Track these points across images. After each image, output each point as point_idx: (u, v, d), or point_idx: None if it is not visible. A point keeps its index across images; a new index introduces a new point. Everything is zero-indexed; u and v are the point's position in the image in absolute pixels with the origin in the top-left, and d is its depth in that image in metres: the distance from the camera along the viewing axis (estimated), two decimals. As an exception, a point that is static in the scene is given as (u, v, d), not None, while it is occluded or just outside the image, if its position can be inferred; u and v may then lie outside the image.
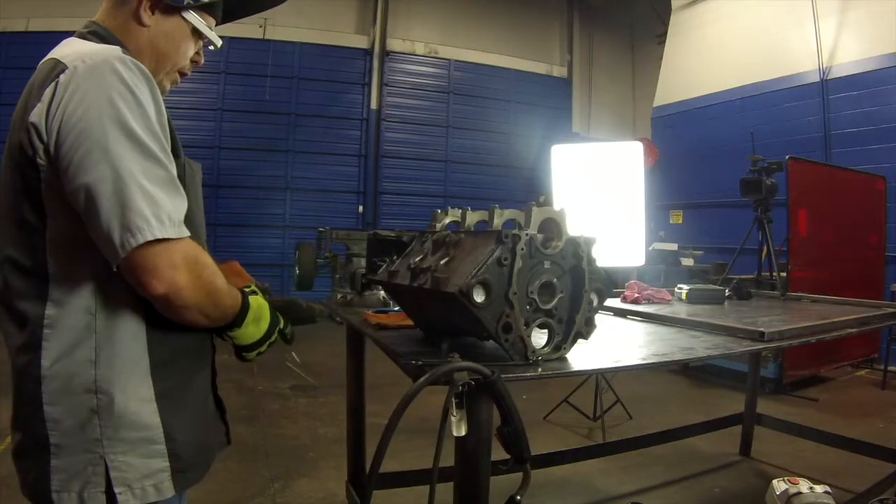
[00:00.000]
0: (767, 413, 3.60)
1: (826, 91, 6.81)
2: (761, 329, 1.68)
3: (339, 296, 7.81)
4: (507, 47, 11.38)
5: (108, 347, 0.96)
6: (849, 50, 6.65)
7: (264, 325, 1.13)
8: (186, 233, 0.94)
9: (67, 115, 0.88)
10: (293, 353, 5.32)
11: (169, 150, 0.96)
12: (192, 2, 1.09)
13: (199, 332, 1.10)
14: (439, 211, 1.56)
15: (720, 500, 3.01)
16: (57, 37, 1.05)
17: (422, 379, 0.99)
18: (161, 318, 0.99)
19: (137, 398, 0.98)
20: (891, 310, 2.41)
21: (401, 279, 1.38)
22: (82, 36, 1.04)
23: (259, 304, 1.12)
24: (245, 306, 1.08)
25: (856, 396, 5.03)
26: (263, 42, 9.85)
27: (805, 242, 5.17)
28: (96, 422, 0.95)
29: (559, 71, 11.90)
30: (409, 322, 1.57)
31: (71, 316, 0.95)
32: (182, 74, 1.17)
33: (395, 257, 1.52)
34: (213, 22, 1.16)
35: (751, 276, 5.14)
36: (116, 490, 0.95)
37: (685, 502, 3.00)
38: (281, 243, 9.94)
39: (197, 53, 1.17)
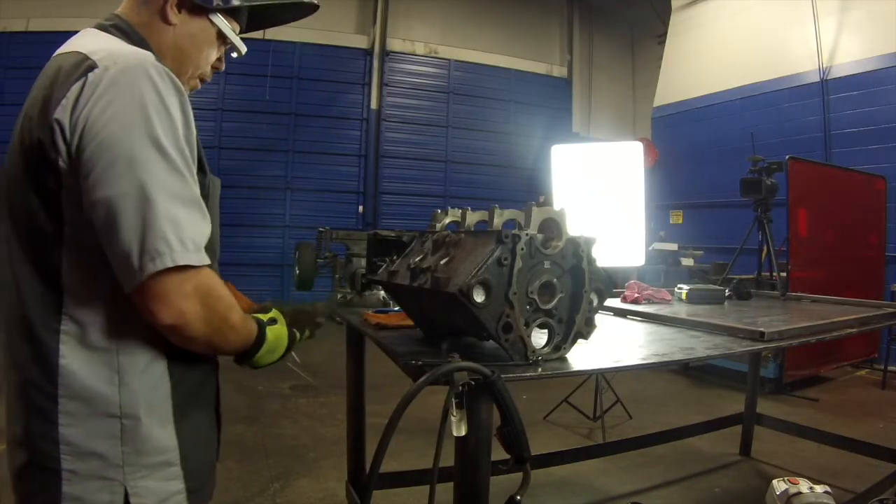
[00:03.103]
0: (767, 413, 3.60)
1: (826, 91, 6.80)
2: (761, 329, 1.68)
3: (339, 296, 7.81)
4: (507, 47, 11.37)
5: (130, 367, 0.90)
6: (849, 50, 6.65)
7: (277, 355, 1.09)
8: (206, 260, 0.87)
9: (93, 118, 0.82)
10: (293, 353, 5.32)
11: (195, 167, 0.91)
12: (220, 3, 1.05)
13: None
14: (439, 211, 1.57)
15: (720, 500, 3.01)
16: (57, 37, 1.03)
17: (422, 379, 0.99)
18: None
19: (160, 420, 0.93)
20: (891, 310, 2.41)
21: (401, 279, 1.38)
22: (103, 28, 0.98)
23: (276, 335, 1.07)
24: (260, 341, 1.03)
25: (856, 396, 5.03)
26: (263, 42, 9.83)
27: (805, 242, 5.16)
28: (119, 448, 0.89)
29: (559, 71, 11.90)
30: (409, 322, 1.57)
31: (90, 333, 0.88)
32: (204, 80, 1.13)
33: (395, 257, 1.52)
34: (237, 28, 1.12)
35: (751, 276, 5.14)
36: None
37: (685, 502, 3.00)
38: (281, 243, 9.94)
39: (219, 59, 1.13)
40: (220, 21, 1.06)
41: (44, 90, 0.87)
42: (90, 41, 0.93)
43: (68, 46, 0.94)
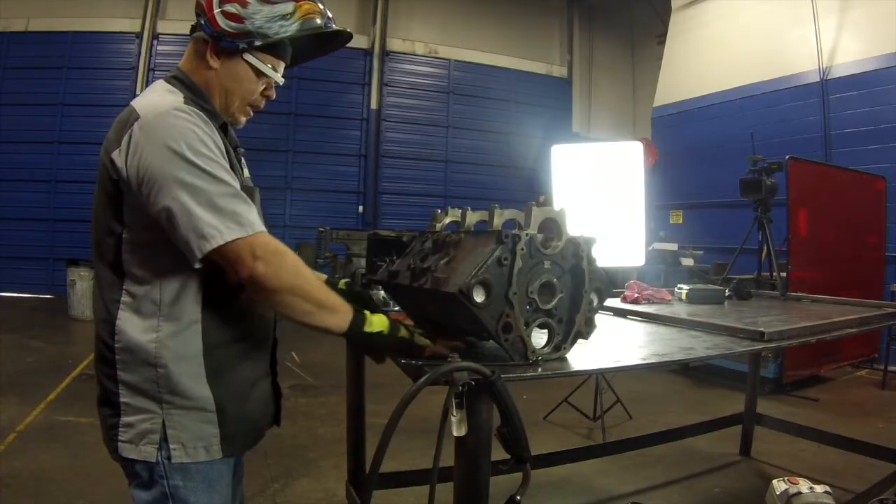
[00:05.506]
0: (767, 413, 3.60)
1: (826, 91, 6.80)
2: (761, 329, 1.68)
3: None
4: (507, 47, 11.36)
5: (168, 331, 1.14)
6: (849, 50, 6.64)
7: (385, 325, 1.21)
8: (259, 228, 1.11)
9: (140, 158, 1.09)
10: (293, 354, 5.32)
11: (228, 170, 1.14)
12: (246, 46, 1.23)
13: (255, 327, 1.27)
14: (439, 211, 1.57)
15: (720, 500, 3.01)
16: (57, 37, 1.07)
17: (422, 379, 0.99)
18: (216, 312, 1.18)
19: (189, 374, 1.16)
20: (891, 310, 2.42)
21: (401, 279, 1.38)
22: (168, 80, 1.25)
23: (380, 318, 1.22)
24: (358, 315, 1.19)
25: (856, 396, 5.03)
26: (263, 42, 9.84)
27: (805, 242, 5.16)
28: (157, 389, 1.14)
29: (559, 71, 11.89)
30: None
31: (140, 303, 1.15)
32: (255, 107, 1.34)
33: (395, 257, 1.52)
34: (277, 62, 1.31)
35: (751, 276, 5.13)
36: (171, 446, 1.14)
37: (685, 502, 3.00)
38: (281, 243, 9.94)
39: (268, 88, 1.33)
40: (252, 59, 1.25)
41: (113, 133, 1.17)
42: (147, 96, 1.21)
43: (136, 100, 1.20)
